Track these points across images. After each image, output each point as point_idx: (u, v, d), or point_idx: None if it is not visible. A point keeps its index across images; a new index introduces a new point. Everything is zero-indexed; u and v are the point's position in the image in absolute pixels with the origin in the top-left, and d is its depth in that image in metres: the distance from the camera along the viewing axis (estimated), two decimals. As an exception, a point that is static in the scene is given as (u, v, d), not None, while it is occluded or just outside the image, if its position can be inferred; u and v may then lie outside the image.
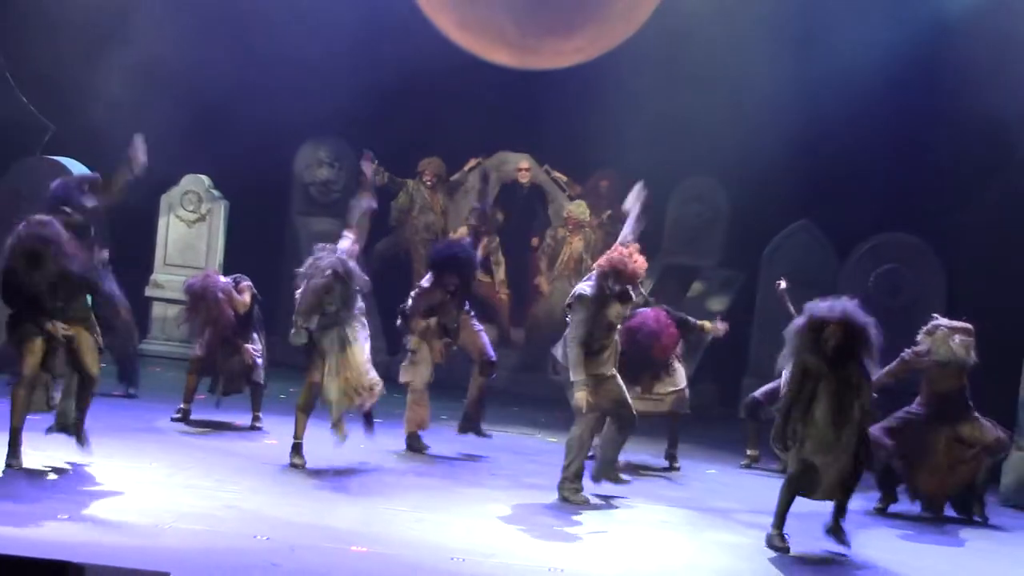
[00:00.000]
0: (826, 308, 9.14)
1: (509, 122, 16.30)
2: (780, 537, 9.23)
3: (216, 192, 15.72)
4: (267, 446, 11.00)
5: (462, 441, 11.82)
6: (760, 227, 15.60)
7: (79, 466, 9.58)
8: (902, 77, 15.01)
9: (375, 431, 10.94)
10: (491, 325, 14.57)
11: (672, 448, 11.95)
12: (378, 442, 11.15)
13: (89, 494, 8.92)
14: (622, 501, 10.32)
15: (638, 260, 9.98)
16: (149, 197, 15.34)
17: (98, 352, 9.61)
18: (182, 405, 11.86)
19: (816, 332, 9.05)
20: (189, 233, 15.63)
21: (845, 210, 15.14)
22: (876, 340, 9.12)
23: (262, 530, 8.38)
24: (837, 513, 9.30)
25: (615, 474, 10.51)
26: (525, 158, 16.22)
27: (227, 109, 15.33)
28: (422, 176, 16.09)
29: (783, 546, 9.20)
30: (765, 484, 9.59)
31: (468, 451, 11.69)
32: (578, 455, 10.11)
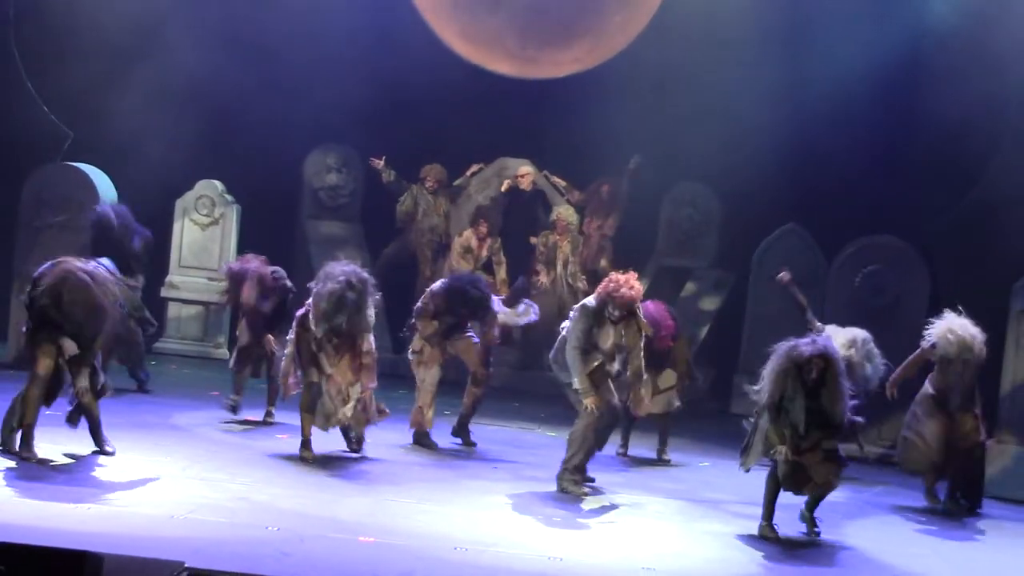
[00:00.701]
0: (807, 344, 9.23)
1: (510, 129, 16.29)
2: (770, 527, 9.35)
3: (229, 197, 15.71)
4: (278, 441, 11.00)
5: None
6: (750, 230, 15.60)
7: (97, 459, 9.59)
8: (885, 87, 15.05)
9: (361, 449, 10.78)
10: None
11: (663, 445, 11.97)
12: (383, 437, 11.15)
13: (107, 486, 8.93)
14: (618, 493, 10.31)
15: (634, 287, 9.92)
16: (165, 202, 15.36)
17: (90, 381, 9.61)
18: (232, 396, 11.78)
19: (799, 367, 9.13)
20: (203, 236, 15.62)
21: (832, 214, 15.16)
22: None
23: (273, 521, 8.39)
24: (812, 504, 9.50)
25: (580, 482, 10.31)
26: (525, 164, 16.22)
27: (239, 118, 15.38)
28: (424, 181, 16.09)
29: (773, 535, 9.30)
30: (755, 476, 9.60)
31: (471, 446, 11.67)
32: (579, 449, 10.11)
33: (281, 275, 11.80)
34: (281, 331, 11.51)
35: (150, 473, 9.36)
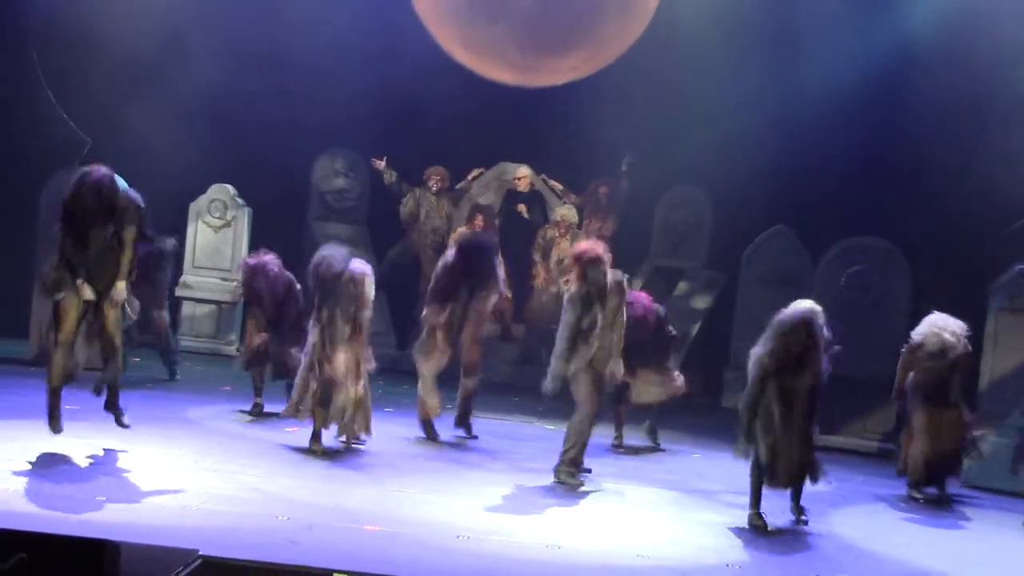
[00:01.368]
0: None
1: (509, 135, 16.30)
2: (757, 516, 9.37)
3: (240, 200, 15.72)
4: (288, 434, 11.01)
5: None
6: (740, 232, 15.63)
7: (115, 453, 9.60)
8: (870, 95, 15.03)
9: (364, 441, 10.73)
10: (493, 321, 14.53)
11: (653, 434, 12.03)
12: (389, 430, 11.17)
13: (124, 478, 8.95)
14: (613, 483, 10.34)
15: (592, 243, 10.22)
16: (179, 205, 15.39)
17: (122, 325, 9.41)
18: (257, 400, 11.72)
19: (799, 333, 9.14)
20: (216, 238, 15.63)
21: (818, 216, 15.18)
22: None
23: (283, 510, 8.41)
24: (795, 496, 9.54)
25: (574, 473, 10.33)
26: (523, 168, 16.23)
27: (250, 125, 15.38)
28: (428, 183, 16.10)
29: (761, 523, 9.31)
30: (745, 467, 9.62)
31: (472, 438, 11.70)
32: (577, 442, 10.13)
33: (292, 281, 11.79)
34: (292, 334, 11.49)
35: (165, 465, 9.38)
